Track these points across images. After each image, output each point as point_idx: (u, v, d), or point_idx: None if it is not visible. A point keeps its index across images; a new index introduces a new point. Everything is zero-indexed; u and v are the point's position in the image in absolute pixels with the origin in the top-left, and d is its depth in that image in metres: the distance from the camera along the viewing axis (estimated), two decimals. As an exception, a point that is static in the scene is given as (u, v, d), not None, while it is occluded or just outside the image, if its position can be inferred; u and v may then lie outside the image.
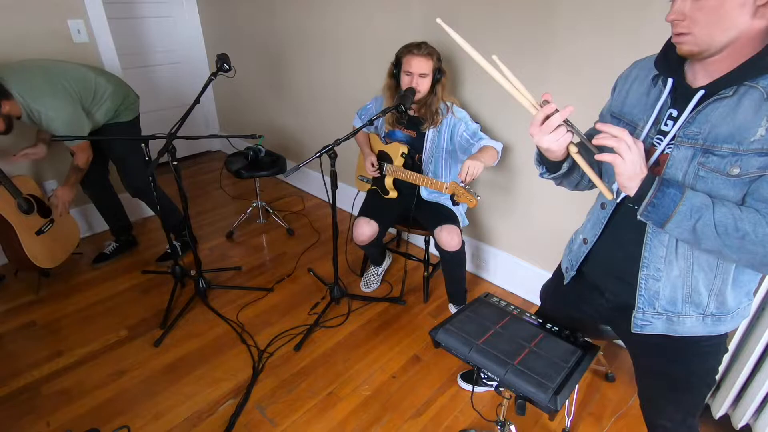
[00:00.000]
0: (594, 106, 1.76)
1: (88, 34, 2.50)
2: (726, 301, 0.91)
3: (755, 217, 0.76)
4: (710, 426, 1.61)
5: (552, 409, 1.05)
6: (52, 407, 1.65)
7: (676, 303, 0.94)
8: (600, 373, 1.86)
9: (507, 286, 2.36)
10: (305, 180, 3.39)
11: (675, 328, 0.96)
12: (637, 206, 0.84)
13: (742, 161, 0.77)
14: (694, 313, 0.93)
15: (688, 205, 0.79)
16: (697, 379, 1.04)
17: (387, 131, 2.07)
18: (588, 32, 1.65)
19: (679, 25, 0.79)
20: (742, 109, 0.77)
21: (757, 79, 0.76)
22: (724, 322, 0.94)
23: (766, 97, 0.75)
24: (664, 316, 0.96)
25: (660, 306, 0.96)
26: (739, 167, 0.77)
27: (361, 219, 2.04)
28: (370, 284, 2.35)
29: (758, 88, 0.76)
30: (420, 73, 1.82)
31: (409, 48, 1.84)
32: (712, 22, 0.75)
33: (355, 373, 1.84)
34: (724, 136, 0.79)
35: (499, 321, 1.29)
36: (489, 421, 1.62)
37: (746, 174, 0.77)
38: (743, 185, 0.78)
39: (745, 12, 0.73)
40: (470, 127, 1.92)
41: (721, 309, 0.92)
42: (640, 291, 0.97)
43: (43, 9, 2.33)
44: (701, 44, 0.78)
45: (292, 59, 3.02)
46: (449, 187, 1.81)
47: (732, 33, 0.75)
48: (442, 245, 1.94)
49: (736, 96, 0.79)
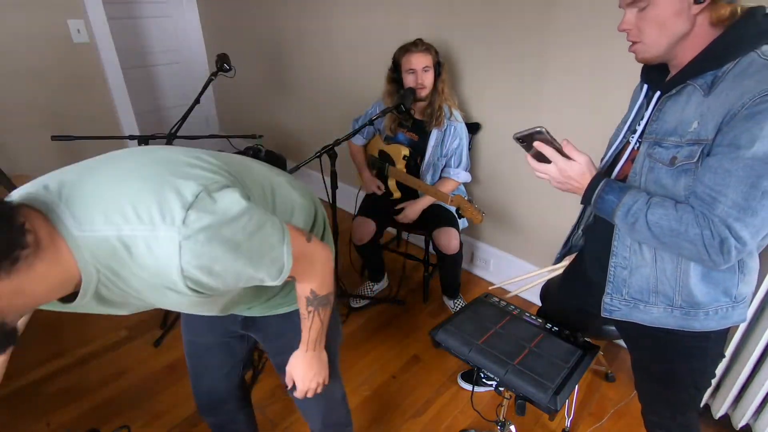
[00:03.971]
0: (592, 109, 1.77)
1: (88, 34, 2.50)
2: (692, 294, 0.92)
3: (689, 216, 0.81)
4: (710, 426, 1.61)
5: (552, 409, 1.05)
6: (52, 407, 1.65)
7: (643, 292, 0.98)
8: (600, 373, 1.86)
9: (507, 285, 2.36)
10: (305, 180, 3.38)
11: (642, 317, 1.00)
12: None
13: (679, 152, 0.84)
14: (663, 304, 0.96)
15: (624, 210, 0.88)
16: (682, 379, 1.06)
17: (390, 135, 2.05)
18: (588, 36, 1.65)
19: (630, 34, 0.88)
20: (689, 106, 0.85)
21: (697, 78, 0.83)
22: (696, 318, 0.94)
23: (704, 94, 0.82)
24: (632, 304, 1.01)
25: (628, 293, 1.00)
26: (676, 157, 0.85)
27: (360, 218, 2.04)
28: (360, 300, 2.22)
29: (696, 86, 0.83)
30: (423, 67, 1.82)
31: (405, 48, 1.84)
32: (655, 30, 0.84)
33: (355, 373, 1.84)
34: (670, 130, 0.87)
35: (499, 321, 1.29)
36: (489, 421, 1.62)
37: (680, 163, 0.84)
38: (678, 174, 0.85)
39: (682, 20, 0.81)
40: (458, 150, 1.97)
41: (689, 302, 0.93)
42: (610, 278, 1.02)
43: (43, 9, 2.33)
44: (651, 51, 0.87)
45: (292, 59, 3.02)
46: (454, 200, 1.81)
47: (675, 39, 0.84)
48: (441, 248, 1.95)
49: (684, 94, 0.86)
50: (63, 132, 1.92)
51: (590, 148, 1.21)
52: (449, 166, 2.01)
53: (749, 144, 0.74)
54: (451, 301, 2.21)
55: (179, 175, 0.64)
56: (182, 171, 0.66)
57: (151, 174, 0.64)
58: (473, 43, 2.01)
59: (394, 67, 1.90)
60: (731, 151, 0.76)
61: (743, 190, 0.76)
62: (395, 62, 1.89)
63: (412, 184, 1.98)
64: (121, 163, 0.67)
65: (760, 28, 0.79)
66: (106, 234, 0.58)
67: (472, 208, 1.78)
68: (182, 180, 0.63)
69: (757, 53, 0.78)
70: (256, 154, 2.73)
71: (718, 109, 0.78)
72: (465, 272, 2.49)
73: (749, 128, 0.74)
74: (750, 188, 0.75)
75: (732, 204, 0.77)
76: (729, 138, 0.77)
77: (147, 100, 3.49)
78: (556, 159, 0.94)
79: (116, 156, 0.70)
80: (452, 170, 2.00)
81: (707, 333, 0.96)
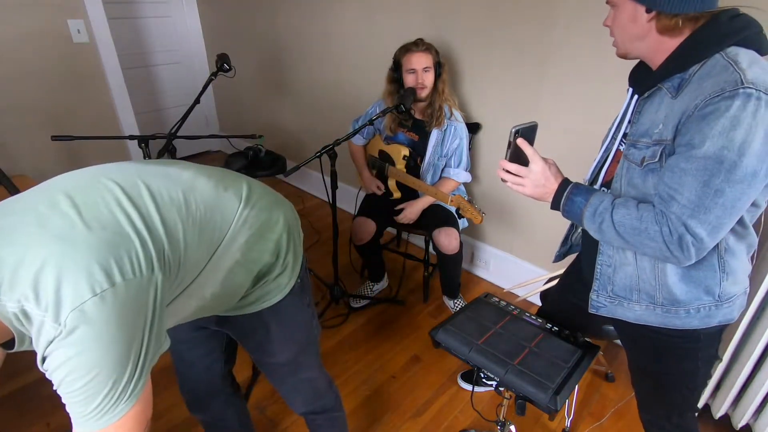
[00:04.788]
0: (592, 106, 1.77)
1: (88, 34, 2.50)
2: (672, 292, 0.93)
3: (649, 215, 0.84)
4: (710, 426, 1.61)
5: (552, 409, 1.05)
6: (52, 407, 1.65)
7: (627, 289, 1.00)
8: (600, 373, 1.86)
9: (507, 285, 2.36)
10: (305, 180, 3.39)
11: (626, 314, 1.02)
12: None
13: (647, 152, 0.88)
14: (645, 301, 0.98)
15: (591, 211, 0.91)
16: (673, 379, 1.07)
17: (390, 134, 2.04)
18: (588, 34, 1.66)
19: (610, 31, 0.93)
20: (660, 109, 0.87)
21: (665, 81, 0.86)
22: (677, 315, 0.95)
23: (672, 97, 0.85)
24: (616, 301, 1.02)
25: (612, 291, 1.03)
26: (645, 157, 0.88)
27: (361, 218, 2.04)
28: (360, 300, 2.22)
29: (665, 89, 0.86)
30: (423, 67, 1.83)
31: (406, 47, 1.84)
32: (618, 30, 0.90)
33: (355, 373, 1.84)
34: (643, 131, 0.90)
35: (499, 321, 1.29)
36: (489, 421, 1.62)
37: (647, 163, 0.87)
38: (646, 174, 0.88)
39: (638, 26, 0.86)
40: (458, 150, 1.98)
41: (670, 300, 0.94)
42: (596, 275, 1.04)
43: (43, 9, 2.33)
44: (623, 49, 0.92)
45: (292, 59, 3.02)
46: (454, 201, 1.81)
47: (634, 40, 0.89)
48: (441, 248, 1.95)
49: (657, 97, 0.89)
50: (63, 132, 1.92)
51: (589, 147, 1.21)
52: (449, 166, 2.01)
53: (701, 143, 0.77)
54: (451, 301, 2.21)
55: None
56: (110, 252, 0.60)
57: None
58: (474, 44, 2.01)
59: (394, 66, 1.90)
60: (686, 150, 0.79)
61: (697, 188, 0.78)
62: (396, 62, 1.89)
63: (412, 184, 1.98)
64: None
65: (724, 29, 0.80)
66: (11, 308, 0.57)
67: (472, 209, 1.78)
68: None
69: (721, 55, 0.79)
70: (257, 154, 2.73)
71: (678, 110, 0.81)
72: (465, 272, 2.49)
73: (701, 128, 0.76)
74: (703, 186, 0.78)
75: (687, 201, 0.79)
76: (686, 138, 0.79)
77: (147, 100, 3.50)
78: (536, 159, 0.95)
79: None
80: (452, 170, 2.00)
81: (697, 334, 0.97)
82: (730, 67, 0.76)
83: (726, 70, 0.76)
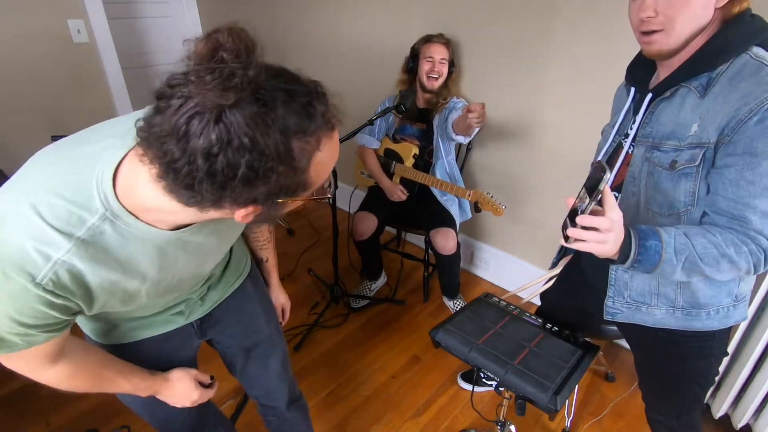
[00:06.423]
0: (592, 107, 1.77)
1: (88, 34, 2.50)
2: (695, 296, 0.92)
3: (728, 236, 0.79)
4: (710, 426, 1.61)
5: (552, 409, 1.05)
6: (52, 407, 1.65)
7: (645, 294, 0.98)
8: (600, 373, 1.86)
9: (507, 285, 2.36)
10: (305, 180, 3.38)
11: (645, 318, 1.00)
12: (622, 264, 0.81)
13: (679, 155, 0.84)
14: (665, 305, 0.96)
15: (671, 251, 0.79)
16: (686, 378, 1.06)
17: (397, 127, 2.08)
18: (588, 35, 1.65)
19: (651, 22, 0.81)
20: (684, 109, 0.84)
21: (690, 80, 0.83)
22: (698, 318, 0.94)
23: (700, 96, 0.82)
24: (634, 306, 1.00)
25: (629, 296, 1.00)
26: (676, 161, 0.84)
27: (362, 213, 2.04)
28: (360, 301, 2.22)
29: (692, 89, 0.83)
30: (440, 58, 1.91)
31: (427, 37, 1.94)
32: (685, 18, 0.79)
33: (355, 373, 1.84)
34: (668, 133, 0.86)
35: (499, 321, 1.29)
36: (489, 421, 1.62)
37: (681, 167, 0.84)
38: (678, 178, 0.85)
39: (708, 12, 0.79)
40: (459, 108, 1.92)
41: (691, 303, 0.93)
42: (611, 281, 1.02)
43: (43, 9, 2.33)
44: (672, 41, 0.81)
45: (292, 59, 3.01)
46: (472, 195, 1.80)
47: (697, 30, 0.81)
48: (438, 248, 1.95)
49: (678, 96, 0.86)
50: (63, 132, 1.90)
51: (593, 148, 1.21)
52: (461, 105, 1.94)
53: (766, 151, 0.74)
54: (451, 301, 2.21)
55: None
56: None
57: None
58: (474, 44, 2.02)
59: (411, 57, 1.98)
60: (749, 160, 0.76)
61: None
62: (414, 52, 1.97)
63: (422, 179, 1.97)
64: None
65: (750, 28, 0.80)
66: None
67: (492, 202, 1.77)
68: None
69: (749, 54, 0.78)
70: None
71: (718, 112, 0.78)
72: (465, 272, 2.49)
73: (764, 135, 0.74)
74: None
75: (763, 214, 0.77)
76: (742, 146, 0.76)
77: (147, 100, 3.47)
78: (614, 205, 0.72)
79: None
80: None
81: (712, 332, 0.96)
82: (765, 67, 0.76)
83: (761, 71, 0.75)
